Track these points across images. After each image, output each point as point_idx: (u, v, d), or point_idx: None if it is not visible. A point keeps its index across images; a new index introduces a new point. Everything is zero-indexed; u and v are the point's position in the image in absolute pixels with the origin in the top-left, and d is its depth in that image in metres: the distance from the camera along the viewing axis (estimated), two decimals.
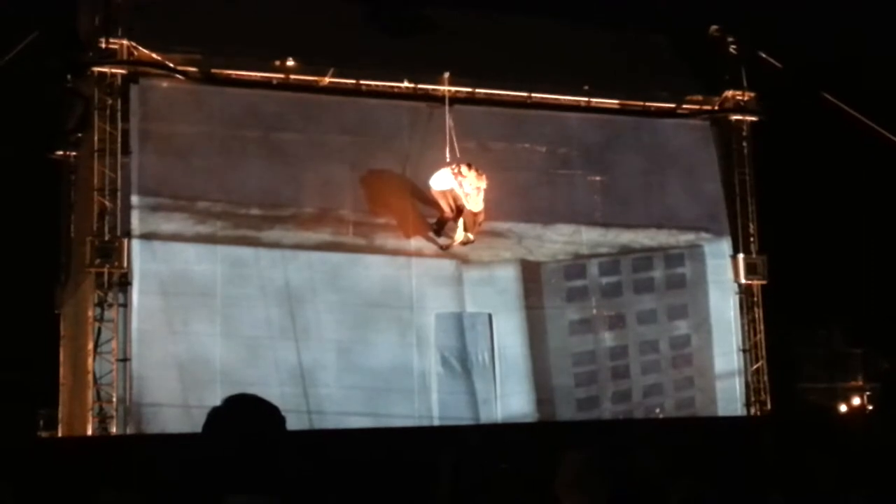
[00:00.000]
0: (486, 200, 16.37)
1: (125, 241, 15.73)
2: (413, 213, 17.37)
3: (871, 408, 28.92)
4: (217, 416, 3.09)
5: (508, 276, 17.79)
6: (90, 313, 15.82)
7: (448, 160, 16.38)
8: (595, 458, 5.03)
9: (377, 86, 17.66)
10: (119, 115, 16.12)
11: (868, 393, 29.90)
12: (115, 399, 15.45)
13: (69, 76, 17.27)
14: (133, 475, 9.63)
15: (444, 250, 17.11)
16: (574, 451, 5.08)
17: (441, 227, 16.93)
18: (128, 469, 10.32)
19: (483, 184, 16.12)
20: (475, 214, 16.45)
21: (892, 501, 3.95)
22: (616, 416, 17.88)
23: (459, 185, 16.17)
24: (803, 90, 19.79)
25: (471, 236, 16.51)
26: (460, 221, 16.48)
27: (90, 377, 15.56)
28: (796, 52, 19.83)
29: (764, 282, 19.35)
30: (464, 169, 16.12)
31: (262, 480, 3.02)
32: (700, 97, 19.68)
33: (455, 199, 16.43)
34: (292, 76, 17.20)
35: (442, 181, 16.39)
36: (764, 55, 19.17)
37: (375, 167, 17.36)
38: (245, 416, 3.10)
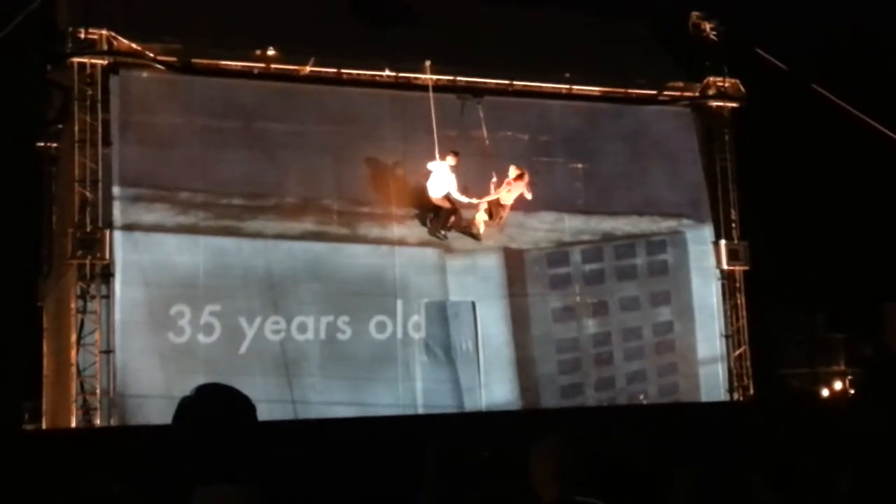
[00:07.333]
0: (468, 188, 16.58)
1: (107, 232, 15.68)
2: (396, 201, 17.35)
3: (853, 392, 29.04)
4: (186, 406, 3.09)
5: (491, 264, 17.80)
6: (73, 305, 15.77)
7: (438, 157, 16.42)
8: (574, 446, 4.86)
9: (358, 74, 17.62)
10: (99, 105, 16.08)
11: (850, 377, 30.02)
12: (98, 391, 15.43)
13: (48, 67, 17.16)
14: (117, 467, 9.60)
15: (479, 240, 17.32)
16: (547, 439, 4.81)
17: (438, 224, 16.97)
18: (112, 460, 10.29)
19: (525, 189, 16.60)
20: (502, 206, 16.61)
21: (874, 483, 3.98)
22: (600, 402, 17.93)
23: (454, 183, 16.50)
24: (785, 77, 19.81)
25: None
26: (481, 208, 16.75)
27: (73, 369, 15.53)
28: (777, 38, 19.87)
29: (746, 267, 19.41)
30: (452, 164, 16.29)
31: (233, 469, 3.01)
32: (681, 84, 19.70)
33: (454, 202, 16.56)
34: (273, 65, 17.13)
35: (438, 188, 16.44)
36: (745, 41, 19.21)
37: (358, 156, 17.32)
38: (214, 405, 3.09)
